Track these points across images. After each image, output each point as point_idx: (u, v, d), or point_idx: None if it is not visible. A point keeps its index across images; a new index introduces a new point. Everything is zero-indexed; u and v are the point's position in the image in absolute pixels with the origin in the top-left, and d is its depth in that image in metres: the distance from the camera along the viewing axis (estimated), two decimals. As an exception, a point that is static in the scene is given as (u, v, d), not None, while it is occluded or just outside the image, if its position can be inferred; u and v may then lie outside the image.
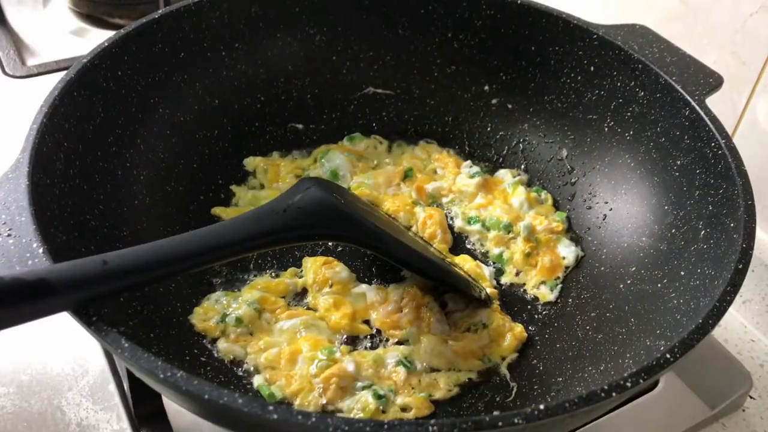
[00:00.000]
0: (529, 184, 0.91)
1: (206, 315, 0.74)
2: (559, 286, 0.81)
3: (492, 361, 0.73)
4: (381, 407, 0.67)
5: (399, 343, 0.74)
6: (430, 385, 0.70)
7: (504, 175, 0.91)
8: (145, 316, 0.67)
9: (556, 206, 0.89)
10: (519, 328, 0.76)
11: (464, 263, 0.82)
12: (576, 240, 0.85)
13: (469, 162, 0.92)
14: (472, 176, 0.90)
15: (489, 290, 0.79)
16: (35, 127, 0.64)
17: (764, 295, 0.90)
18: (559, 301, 0.80)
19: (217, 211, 0.84)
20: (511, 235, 0.84)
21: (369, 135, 0.95)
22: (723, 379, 0.80)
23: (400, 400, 0.68)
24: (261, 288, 0.77)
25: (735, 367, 0.81)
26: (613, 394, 0.49)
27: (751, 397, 0.81)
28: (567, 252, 0.83)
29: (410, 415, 0.67)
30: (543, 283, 0.81)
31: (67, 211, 0.65)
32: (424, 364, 0.72)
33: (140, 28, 0.79)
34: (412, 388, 0.69)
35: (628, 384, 0.50)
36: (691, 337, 0.54)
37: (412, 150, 0.95)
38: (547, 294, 0.80)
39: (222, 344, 0.71)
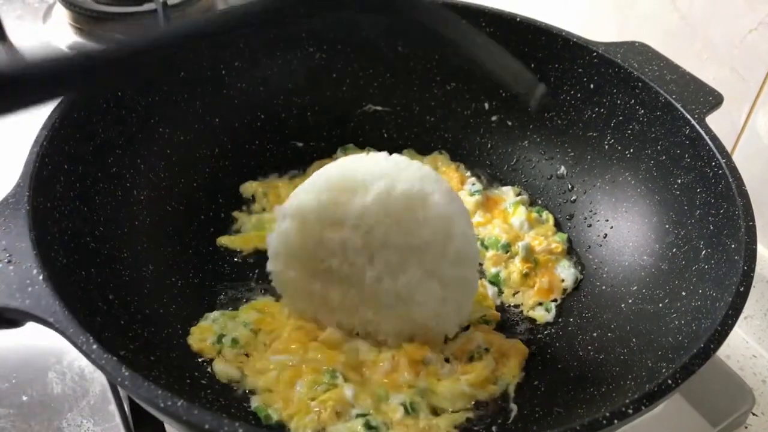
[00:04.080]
0: (531, 204, 0.91)
1: (203, 335, 0.73)
2: (555, 308, 0.80)
3: (505, 383, 0.72)
4: None
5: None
6: (426, 428, 0.67)
7: (506, 193, 0.91)
8: (146, 338, 0.67)
9: (558, 227, 0.88)
10: (519, 344, 0.75)
11: None
12: (576, 262, 0.85)
13: (473, 179, 0.92)
14: (472, 194, 0.89)
15: (491, 312, 0.79)
16: (35, 150, 0.65)
17: (766, 311, 0.90)
18: (560, 320, 0.79)
19: (222, 240, 0.84)
20: (509, 254, 0.84)
21: (364, 147, 0.96)
22: (725, 396, 0.79)
23: None
24: (259, 309, 0.76)
25: (737, 383, 0.80)
26: (615, 421, 0.50)
27: (753, 414, 0.81)
28: (566, 274, 0.83)
29: None
30: (540, 304, 0.81)
31: (67, 234, 0.65)
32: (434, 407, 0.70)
33: (140, 49, 0.79)
34: (407, 427, 0.67)
35: (630, 411, 0.50)
36: (692, 362, 0.54)
37: (421, 160, 0.95)
38: (543, 315, 0.80)
39: (218, 366, 0.71)
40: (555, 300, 0.81)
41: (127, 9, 1.23)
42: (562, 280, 0.82)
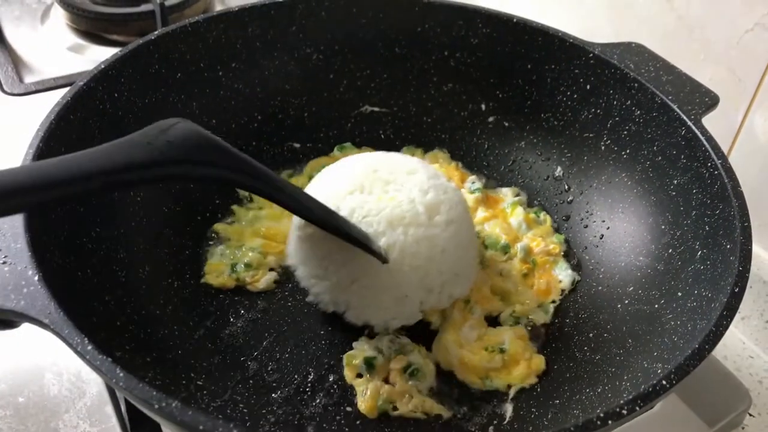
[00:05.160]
0: (529, 204, 0.91)
1: (218, 270, 0.80)
2: (553, 309, 0.80)
3: (492, 386, 0.72)
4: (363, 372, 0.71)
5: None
6: (405, 390, 0.70)
7: (505, 193, 0.91)
8: (142, 339, 0.67)
9: (556, 228, 0.88)
10: (539, 359, 0.74)
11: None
12: (573, 263, 0.84)
13: (474, 177, 0.92)
14: (472, 192, 0.89)
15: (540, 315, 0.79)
16: (31, 152, 0.65)
17: (762, 312, 0.90)
18: (556, 321, 0.79)
19: (218, 227, 0.85)
20: (507, 255, 0.84)
21: (361, 148, 0.96)
22: (722, 396, 0.79)
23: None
24: (263, 235, 0.83)
25: (734, 384, 0.80)
26: (609, 421, 0.49)
27: (750, 415, 0.81)
28: (564, 275, 0.83)
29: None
30: (539, 305, 0.80)
31: (63, 235, 0.64)
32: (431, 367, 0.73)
33: (136, 50, 0.79)
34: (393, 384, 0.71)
35: (624, 411, 0.50)
36: (687, 363, 0.54)
37: (422, 155, 0.96)
38: (542, 316, 0.79)
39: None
40: (553, 302, 0.81)
41: (125, 10, 1.24)
42: (560, 281, 0.82)
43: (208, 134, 0.58)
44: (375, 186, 0.74)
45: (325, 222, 0.68)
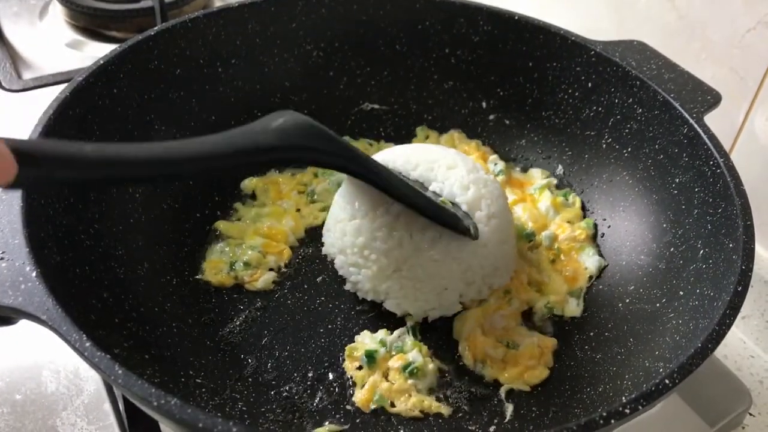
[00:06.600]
0: (558, 186, 0.89)
1: (216, 268, 0.80)
2: (582, 299, 0.79)
3: (481, 373, 0.72)
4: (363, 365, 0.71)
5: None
6: (401, 389, 0.70)
7: (535, 175, 0.90)
8: (140, 336, 0.66)
9: (585, 211, 0.87)
10: (539, 372, 0.73)
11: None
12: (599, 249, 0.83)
13: (495, 157, 0.92)
14: (496, 174, 0.88)
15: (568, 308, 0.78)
16: (29, 147, 0.64)
17: (763, 311, 0.90)
18: (557, 320, 0.79)
19: (219, 225, 0.84)
20: (532, 243, 0.83)
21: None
22: (722, 396, 0.79)
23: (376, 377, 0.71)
24: (263, 234, 0.82)
25: (734, 383, 0.80)
26: (612, 421, 0.49)
27: (750, 414, 0.81)
28: (590, 262, 0.81)
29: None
30: (569, 293, 0.79)
31: (61, 231, 0.64)
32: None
33: (135, 46, 0.79)
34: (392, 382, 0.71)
35: (627, 410, 0.50)
36: (690, 362, 0.54)
37: (437, 137, 0.95)
38: (573, 309, 0.78)
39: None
40: (581, 288, 0.79)
41: (124, 6, 1.23)
42: (586, 268, 0.81)
43: (316, 123, 0.66)
44: (416, 185, 0.75)
45: (415, 203, 0.71)
